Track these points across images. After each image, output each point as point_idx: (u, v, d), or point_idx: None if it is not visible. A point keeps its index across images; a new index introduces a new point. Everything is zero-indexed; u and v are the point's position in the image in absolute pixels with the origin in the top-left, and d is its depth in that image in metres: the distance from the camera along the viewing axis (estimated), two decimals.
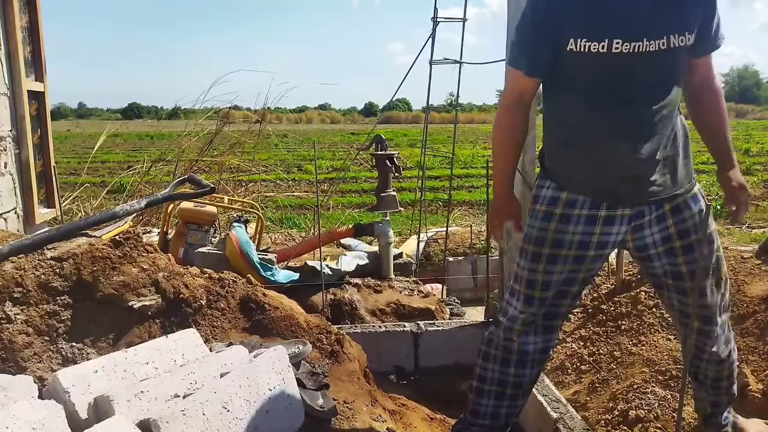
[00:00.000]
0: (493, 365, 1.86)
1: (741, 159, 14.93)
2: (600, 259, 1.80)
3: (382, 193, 4.27)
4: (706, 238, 1.68)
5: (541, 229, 1.75)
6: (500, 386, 1.86)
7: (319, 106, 58.97)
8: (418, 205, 6.24)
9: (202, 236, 4.00)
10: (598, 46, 1.55)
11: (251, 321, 2.06)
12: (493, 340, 1.86)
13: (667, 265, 1.77)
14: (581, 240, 1.73)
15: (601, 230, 1.72)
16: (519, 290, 1.81)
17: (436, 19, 4.72)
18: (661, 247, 1.75)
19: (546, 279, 1.76)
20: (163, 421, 1.26)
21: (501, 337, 1.84)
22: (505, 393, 1.86)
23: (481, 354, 1.89)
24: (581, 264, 1.75)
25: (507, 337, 1.83)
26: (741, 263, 3.09)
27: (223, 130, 7.83)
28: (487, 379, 1.87)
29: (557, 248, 1.74)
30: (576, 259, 1.75)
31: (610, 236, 1.74)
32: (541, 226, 1.75)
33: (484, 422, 1.88)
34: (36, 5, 3.68)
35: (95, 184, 9.71)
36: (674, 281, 1.78)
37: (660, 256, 1.76)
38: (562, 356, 3.14)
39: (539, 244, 1.76)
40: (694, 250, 1.72)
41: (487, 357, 1.87)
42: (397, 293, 3.81)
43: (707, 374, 1.87)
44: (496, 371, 1.86)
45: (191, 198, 3.43)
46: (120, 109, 57.04)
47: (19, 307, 1.65)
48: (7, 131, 3.38)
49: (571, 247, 1.73)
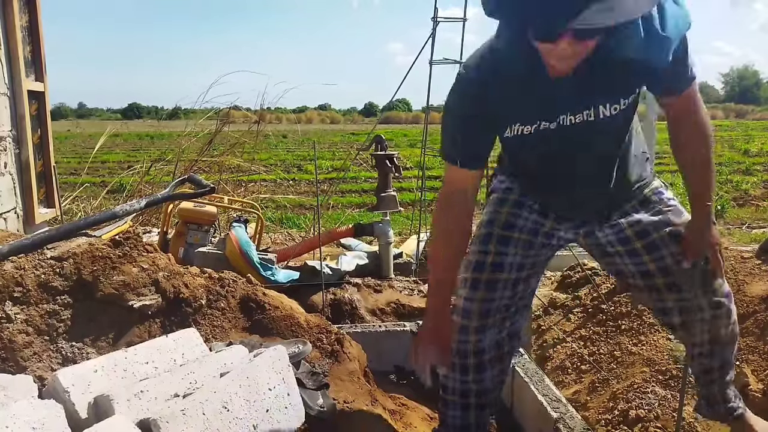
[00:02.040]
0: (453, 374, 1.77)
1: (741, 159, 14.96)
2: (546, 251, 1.78)
3: (382, 193, 4.27)
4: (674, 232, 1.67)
5: (493, 212, 1.75)
6: (463, 397, 1.78)
7: (319, 107, 58.99)
8: (418, 205, 6.24)
9: (202, 236, 4.00)
10: (530, 128, 1.53)
11: (251, 320, 2.06)
12: (453, 347, 1.76)
13: (631, 266, 1.74)
14: (532, 227, 1.73)
15: (551, 225, 1.74)
16: (467, 277, 1.73)
17: (436, 19, 4.72)
18: (620, 247, 1.73)
19: (497, 260, 1.70)
20: (163, 420, 1.26)
21: (456, 339, 1.73)
22: (470, 403, 1.78)
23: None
24: (530, 250, 1.74)
25: (462, 339, 1.73)
26: (741, 263, 3.09)
27: (222, 131, 7.84)
28: (449, 389, 1.79)
29: (509, 230, 1.72)
30: (526, 244, 1.73)
31: (559, 232, 1.76)
32: (494, 209, 1.76)
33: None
34: (36, 5, 3.68)
35: (95, 184, 9.71)
36: (644, 281, 1.75)
37: (621, 256, 1.74)
38: (562, 356, 3.14)
39: (490, 225, 1.74)
40: (660, 248, 1.69)
41: (450, 366, 1.77)
42: (397, 293, 3.81)
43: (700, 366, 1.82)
44: (457, 380, 1.77)
45: (191, 198, 3.43)
46: (120, 109, 57.10)
47: (19, 306, 1.65)
48: (7, 131, 3.38)
49: (522, 231, 1.72)
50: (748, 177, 12.24)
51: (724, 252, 1.78)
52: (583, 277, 3.82)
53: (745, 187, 11.03)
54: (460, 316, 1.73)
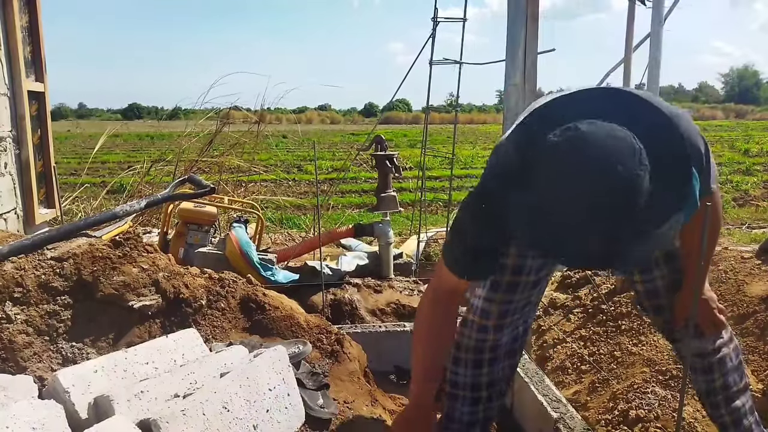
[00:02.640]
0: (465, 369, 1.78)
1: (741, 159, 14.96)
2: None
3: (382, 193, 4.27)
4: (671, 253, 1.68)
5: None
6: (474, 391, 1.79)
7: (319, 107, 58.94)
8: (418, 205, 6.24)
9: (202, 236, 4.00)
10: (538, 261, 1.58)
11: (251, 321, 2.06)
12: (462, 343, 1.78)
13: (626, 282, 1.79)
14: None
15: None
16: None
17: (436, 19, 4.72)
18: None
19: (518, 263, 1.68)
20: (163, 420, 1.26)
21: (474, 337, 1.76)
22: (481, 396, 1.80)
23: (451, 358, 1.81)
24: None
25: (480, 338, 1.75)
26: (741, 263, 3.09)
27: (223, 131, 7.84)
28: (460, 384, 1.80)
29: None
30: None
31: None
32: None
33: (461, 427, 1.82)
34: (36, 5, 3.68)
35: (95, 185, 9.71)
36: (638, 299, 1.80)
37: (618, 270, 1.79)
38: (563, 356, 3.14)
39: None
40: (652, 269, 1.71)
41: (458, 362, 1.80)
42: (398, 293, 3.81)
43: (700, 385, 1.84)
44: (468, 375, 1.78)
45: (191, 198, 3.43)
46: (120, 109, 57.05)
47: (19, 306, 1.65)
48: (7, 131, 3.39)
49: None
50: (748, 177, 12.25)
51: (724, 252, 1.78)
52: (583, 278, 3.82)
53: (745, 188, 11.04)
54: (478, 316, 1.75)
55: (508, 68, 2.51)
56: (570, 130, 1.13)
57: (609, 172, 1.06)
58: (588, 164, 1.08)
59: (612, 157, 1.07)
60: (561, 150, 1.12)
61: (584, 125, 1.12)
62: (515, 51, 2.46)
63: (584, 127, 1.12)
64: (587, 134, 1.11)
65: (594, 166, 1.08)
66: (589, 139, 1.10)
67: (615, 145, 1.09)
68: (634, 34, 4.32)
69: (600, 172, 1.07)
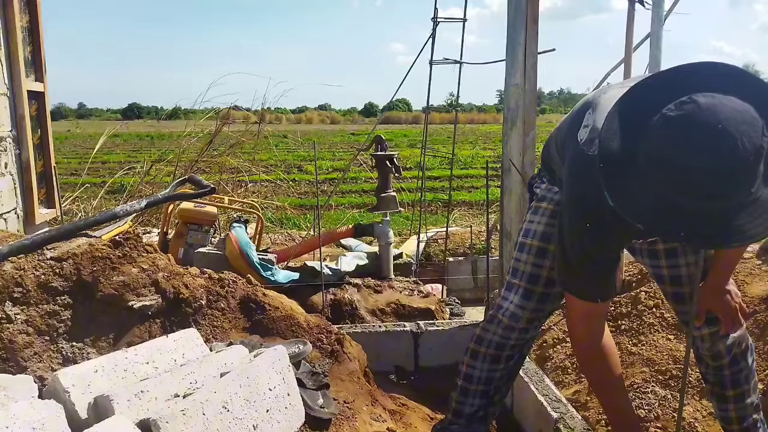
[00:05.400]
0: (482, 364, 1.82)
1: None
2: None
3: (382, 193, 4.27)
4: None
5: (548, 225, 1.74)
6: (487, 384, 1.83)
7: (319, 107, 59.03)
8: (418, 205, 6.24)
9: (202, 236, 4.00)
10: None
11: (251, 321, 2.06)
12: (485, 338, 1.82)
13: (650, 267, 1.79)
14: None
15: None
16: (518, 284, 1.78)
17: (436, 19, 4.73)
18: (645, 245, 1.75)
19: (552, 276, 1.73)
20: (163, 420, 1.26)
21: (498, 334, 1.80)
22: (491, 390, 1.84)
23: (469, 352, 1.85)
24: None
25: (505, 335, 1.80)
26: (741, 263, 3.09)
27: (223, 131, 7.83)
28: (474, 378, 1.83)
29: None
30: None
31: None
32: (549, 222, 1.74)
33: (468, 422, 1.85)
34: (36, 5, 3.68)
35: (95, 185, 9.71)
36: (660, 284, 1.81)
37: (642, 253, 1.78)
38: (563, 356, 3.14)
39: (546, 240, 1.74)
40: (678, 255, 1.71)
41: (476, 355, 1.83)
42: (397, 293, 3.81)
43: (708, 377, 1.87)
44: (484, 370, 1.82)
45: (191, 198, 3.43)
46: (120, 109, 57.08)
47: (19, 307, 1.65)
48: (7, 131, 3.39)
49: None
50: None
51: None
52: None
53: None
54: (507, 318, 1.78)
55: (509, 68, 2.52)
56: (687, 103, 1.12)
57: (738, 143, 1.06)
58: (717, 135, 1.08)
59: (741, 125, 1.08)
60: (690, 121, 1.10)
61: (701, 98, 1.11)
62: (515, 52, 2.46)
63: (702, 99, 1.11)
64: (711, 106, 1.10)
65: (722, 138, 1.07)
66: (715, 110, 1.09)
67: (739, 117, 1.09)
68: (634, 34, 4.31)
69: (730, 141, 1.07)
